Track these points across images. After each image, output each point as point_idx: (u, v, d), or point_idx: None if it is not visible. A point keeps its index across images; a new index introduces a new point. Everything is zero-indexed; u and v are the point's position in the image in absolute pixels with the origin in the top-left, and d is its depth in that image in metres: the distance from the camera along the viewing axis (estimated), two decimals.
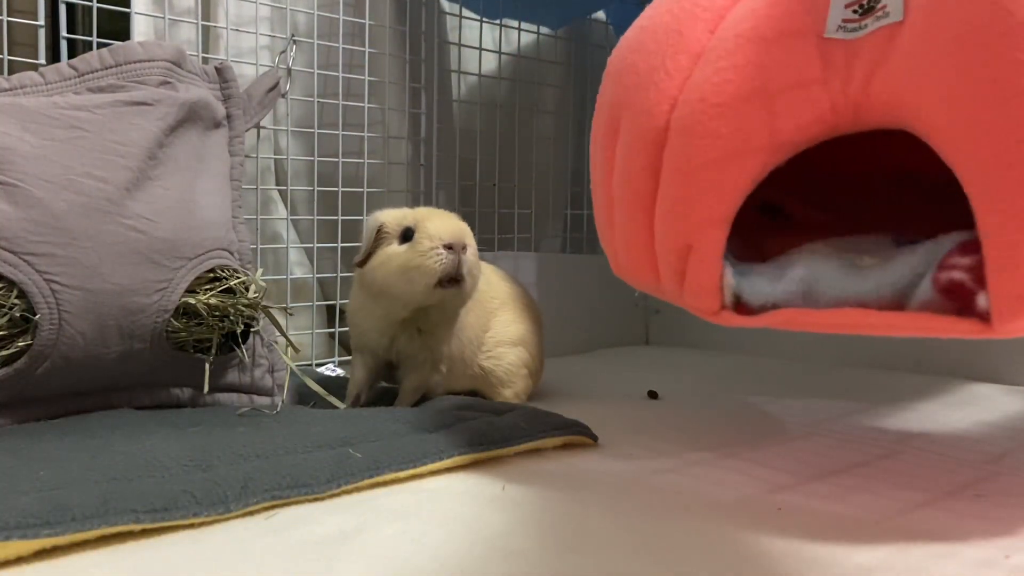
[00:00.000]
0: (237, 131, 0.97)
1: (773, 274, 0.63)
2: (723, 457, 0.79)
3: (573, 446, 0.80)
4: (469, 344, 0.97)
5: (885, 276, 0.58)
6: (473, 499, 0.64)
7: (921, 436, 0.88)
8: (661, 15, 0.69)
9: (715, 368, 1.32)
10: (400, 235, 0.87)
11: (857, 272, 0.60)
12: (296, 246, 1.25)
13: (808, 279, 0.61)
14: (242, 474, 0.60)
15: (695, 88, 0.63)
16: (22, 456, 0.63)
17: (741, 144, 0.61)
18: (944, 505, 0.65)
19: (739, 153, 0.61)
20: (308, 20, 1.26)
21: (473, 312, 0.97)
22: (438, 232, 0.85)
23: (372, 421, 0.76)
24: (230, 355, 0.88)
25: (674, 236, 0.65)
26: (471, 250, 0.87)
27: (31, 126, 0.80)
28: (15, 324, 0.76)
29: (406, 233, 0.86)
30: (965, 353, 1.24)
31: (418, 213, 0.88)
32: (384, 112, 1.29)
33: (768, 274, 0.63)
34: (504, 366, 1.00)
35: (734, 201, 0.62)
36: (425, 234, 0.85)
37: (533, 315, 1.07)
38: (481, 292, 0.99)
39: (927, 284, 0.56)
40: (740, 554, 0.55)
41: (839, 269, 0.60)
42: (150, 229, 0.82)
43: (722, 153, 0.62)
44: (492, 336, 1.00)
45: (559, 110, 1.57)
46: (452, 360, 0.95)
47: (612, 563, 0.53)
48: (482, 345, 0.99)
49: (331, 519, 0.59)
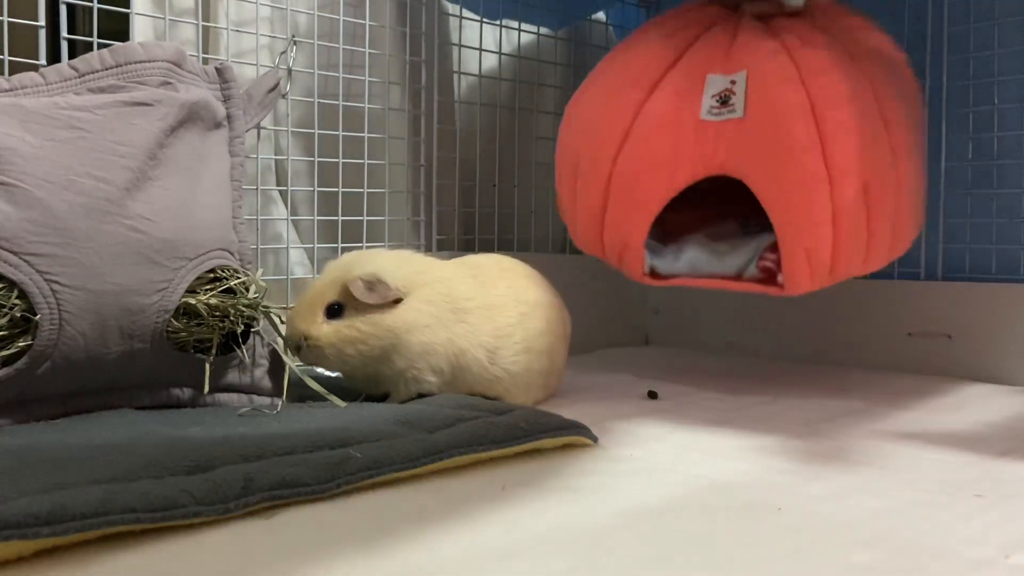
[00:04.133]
0: (237, 131, 0.97)
1: (673, 255, 1.08)
2: (723, 457, 0.79)
3: (573, 446, 0.80)
4: (481, 351, 0.94)
5: (732, 260, 1.05)
6: (473, 499, 0.64)
7: (921, 436, 0.88)
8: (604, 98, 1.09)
9: (715, 368, 1.32)
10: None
11: (718, 256, 1.06)
12: (296, 246, 1.25)
13: (692, 260, 1.07)
14: (242, 474, 0.60)
15: (628, 152, 1.04)
16: (22, 456, 0.63)
17: (657, 186, 1.03)
18: (944, 505, 0.65)
19: (656, 191, 1.03)
20: (308, 20, 1.26)
21: (490, 319, 0.96)
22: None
23: (372, 421, 0.76)
24: (230, 355, 0.88)
25: (616, 237, 1.08)
26: (312, 339, 0.91)
27: (32, 126, 0.80)
28: (15, 324, 0.76)
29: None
30: (965, 353, 1.24)
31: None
32: (385, 112, 1.29)
33: (669, 255, 1.08)
34: (522, 374, 0.97)
35: (652, 217, 1.04)
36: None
37: (561, 324, 1.05)
38: (504, 297, 0.98)
39: (753, 267, 1.03)
40: (740, 554, 0.55)
41: (708, 255, 1.07)
42: (150, 229, 0.82)
43: (646, 191, 1.04)
44: (517, 343, 0.97)
45: (559, 110, 1.57)
46: (460, 368, 0.93)
47: (612, 563, 0.53)
48: (499, 350, 0.96)
49: (331, 519, 0.59)
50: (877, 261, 1.04)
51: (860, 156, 0.95)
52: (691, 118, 1.01)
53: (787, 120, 0.96)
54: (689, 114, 1.01)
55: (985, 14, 1.26)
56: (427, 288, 0.93)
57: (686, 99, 1.02)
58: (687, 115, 1.01)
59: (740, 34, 1.06)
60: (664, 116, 1.02)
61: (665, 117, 1.02)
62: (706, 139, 1.00)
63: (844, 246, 0.96)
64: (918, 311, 1.29)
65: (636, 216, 1.04)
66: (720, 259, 1.04)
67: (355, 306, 0.91)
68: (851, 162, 0.95)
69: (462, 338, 0.93)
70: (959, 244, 1.29)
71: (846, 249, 0.97)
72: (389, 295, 0.90)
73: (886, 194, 0.99)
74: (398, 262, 0.95)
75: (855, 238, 0.97)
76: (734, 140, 0.98)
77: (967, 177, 1.28)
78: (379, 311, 0.90)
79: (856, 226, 0.97)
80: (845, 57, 1.02)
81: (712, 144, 1.00)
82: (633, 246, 1.04)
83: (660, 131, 1.02)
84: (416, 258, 0.99)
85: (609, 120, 1.06)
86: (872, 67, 1.04)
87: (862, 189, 0.96)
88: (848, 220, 0.96)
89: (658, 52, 1.07)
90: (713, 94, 1.01)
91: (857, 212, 0.96)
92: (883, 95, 1.02)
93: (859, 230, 0.97)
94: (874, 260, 1.03)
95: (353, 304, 0.91)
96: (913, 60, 1.30)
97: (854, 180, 0.95)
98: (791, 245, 0.96)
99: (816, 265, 0.97)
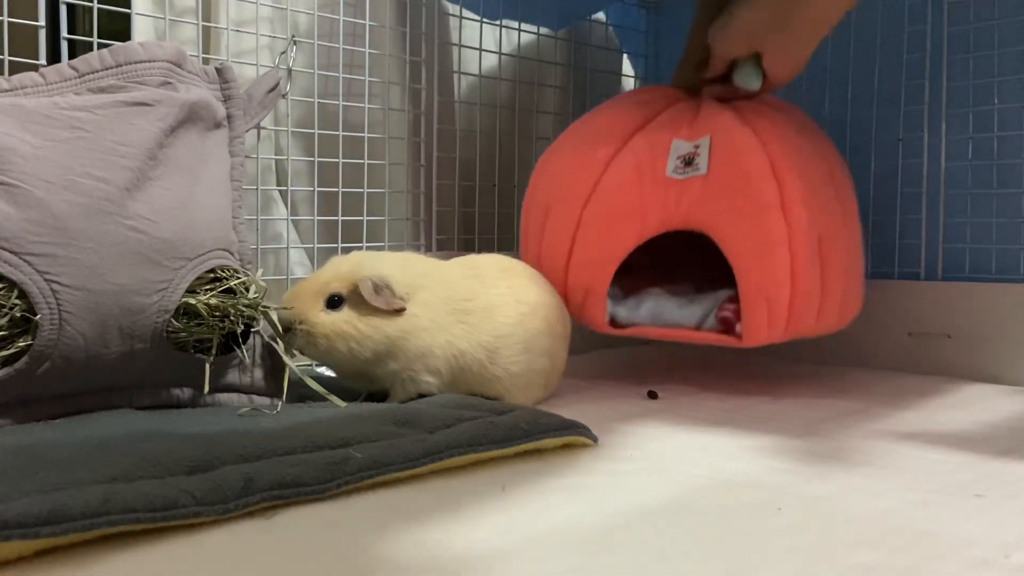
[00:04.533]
0: (237, 131, 0.97)
1: (632, 305, 1.12)
2: (723, 457, 0.79)
3: (573, 446, 0.80)
4: (481, 351, 0.94)
5: (692, 311, 1.09)
6: (473, 499, 0.64)
7: (921, 436, 0.88)
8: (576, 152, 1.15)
9: (715, 368, 1.32)
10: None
11: (678, 307, 1.10)
12: (297, 246, 1.25)
13: (652, 309, 1.11)
14: (242, 474, 0.60)
15: (596, 201, 1.10)
16: (22, 456, 0.63)
17: (622, 239, 1.08)
18: (944, 505, 0.65)
19: (620, 242, 1.08)
20: (309, 20, 1.25)
21: (490, 319, 0.96)
22: None
23: (372, 421, 0.76)
24: (230, 355, 0.88)
25: (581, 282, 1.12)
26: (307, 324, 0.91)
27: (32, 126, 0.80)
28: (15, 324, 0.76)
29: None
30: (965, 353, 1.24)
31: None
32: (385, 112, 1.29)
33: (629, 305, 1.12)
34: (522, 374, 0.97)
35: (617, 264, 1.08)
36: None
37: (562, 325, 1.05)
38: (504, 297, 0.98)
39: (712, 318, 1.07)
40: (740, 554, 0.55)
41: (668, 305, 1.11)
42: (150, 229, 0.82)
43: (611, 242, 1.09)
44: (517, 343, 0.97)
45: (559, 111, 1.57)
46: (459, 369, 0.93)
47: (612, 563, 0.53)
48: (499, 350, 0.96)
49: (331, 519, 0.59)
50: (827, 321, 1.10)
51: (816, 216, 1.04)
52: (657, 175, 1.07)
53: (752, 179, 1.03)
54: (655, 171, 1.08)
55: (985, 14, 1.26)
56: (427, 292, 0.93)
57: (652, 158, 1.09)
58: (653, 172, 1.08)
59: (703, 109, 1.14)
60: (632, 171, 1.09)
61: (633, 172, 1.09)
62: (671, 195, 1.06)
63: (800, 300, 1.03)
64: (918, 311, 1.29)
65: (602, 263, 1.08)
66: (680, 309, 1.10)
67: (357, 304, 0.91)
68: (808, 221, 1.03)
69: (461, 339, 0.93)
70: (959, 244, 1.29)
71: (802, 303, 1.03)
72: (394, 304, 0.90)
73: (838, 254, 1.07)
74: (403, 266, 0.95)
75: (810, 294, 1.04)
76: (699, 196, 1.05)
77: (967, 177, 1.28)
78: (380, 315, 0.90)
79: (812, 282, 1.04)
80: (797, 128, 1.12)
81: (676, 200, 1.06)
82: (597, 292, 1.08)
83: (628, 184, 1.08)
84: (419, 261, 0.98)
85: (580, 171, 1.12)
86: (819, 140, 1.15)
87: (817, 247, 1.04)
88: (805, 275, 1.03)
89: (626, 117, 1.15)
90: (678, 156, 1.07)
91: (813, 269, 1.04)
92: (832, 165, 1.13)
93: (814, 286, 1.05)
94: (825, 320, 1.09)
95: (355, 302, 0.91)
96: (913, 60, 1.31)
97: (811, 239, 1.03)
98: (753, 296, 1.02)
99: (774, 317, 1.03)
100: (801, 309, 1.03)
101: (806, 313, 1.04)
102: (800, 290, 1.02)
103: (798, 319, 1.04)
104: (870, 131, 1.36)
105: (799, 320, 1.04)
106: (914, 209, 1.33)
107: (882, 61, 1.35)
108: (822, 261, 1.04)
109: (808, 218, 1.03)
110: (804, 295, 1.03)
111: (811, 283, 1.04)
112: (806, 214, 1.03)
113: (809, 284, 1.03)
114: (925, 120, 1.31)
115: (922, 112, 1.31)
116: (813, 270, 1.03)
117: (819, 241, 1.04)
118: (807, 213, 1.03)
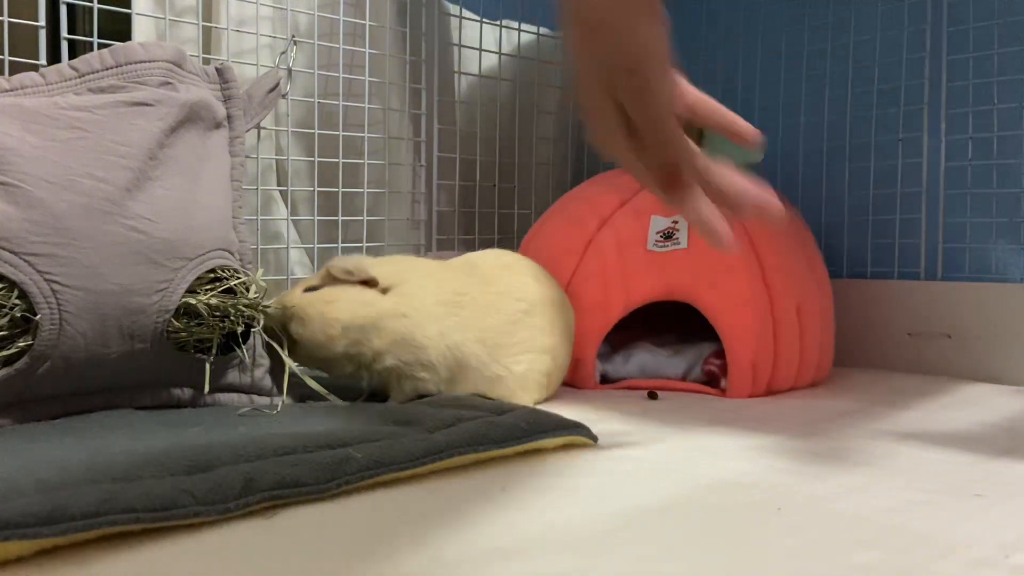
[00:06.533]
0: (237, 131, 0.97)
1: (621, 361, 1.19)
2: (723, 457, 0.79)
3: (573, 446, 0.80)
4: (478, 346, 0.94)
5: (678, 363, 1.18)
6: (473, 499, 0.64)
7: (921, 436, 0.88)
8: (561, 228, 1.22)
9: None
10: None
11: (665, 358, 1.18)
12: (297, 246, 1.25)
13: (641, 363, 1.18)
14: (242, 474, 0.60)
15: (586, 266, 1.16)
16: (22, 456, 0.63)
17: (607, 313, 1.14)
18: (944, 505, 0.65)
19: (606, 316, 1.14)
20: (308, 20, 1.26)
21: (490, 315, 0.96)
22: None
23: (372, 421, 0.76)
24: (230, 355, 0.88)
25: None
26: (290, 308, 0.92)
27: (32, 127, 0.80)
28: (16, 324, 0.76)
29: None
30: (965, 353, 1.24)
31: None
32: (385, 113, 1.29)
33: (617, 361, 1.19)
34: (525, 373, 0.97)
35: (602, 337, 1.15)
36: None
37: (565, 321, 1.05)
38: (503, 294, 0.98)
39: (698, 370, 1.16)
40: (740, 554, 0.55)
41: (656, 358, 1.18)
42: (151, 229, 0.82)
43: (597, 317, 1.14)
44: (519, 342, 0.97)
45: (560, 110, 1.57)
46: (458, 364, 0.93)
47: (612, 563, 0.53)
48: (500, 348, 0.96)
49: (331, 519, 0.59)
50: (806, 377, 1.16)
51: (794, 281, 1.12)
52: (639, 248, 1.14)
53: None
54: (637, 245, 1.14)
55: (985, 14, 1.26)
56: (411, 284, 0.93)
57: (633, 232, 1.15)
58: (635, 245, 1.15)
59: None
60: (615, 245, 1.15)
61: (616, 246, 1.15)
62: (653, 267, 1.13)
63: (783, 363, 1.11)
64: (918, 311, 1.29)
65: (590, 336, 1.14)
66: (667, 360, 1.17)
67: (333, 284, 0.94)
68: (786, 286, 1.11)
69: (455, 331, 0.92)
70: (959, 244, 1.29)
71: (784, 366, 1.11)
72: (362, 276, 0.92)
73: (814, 317, 1.15)
74: (389, 262, 0.96)
75: (791, 358, 1.12)
76: (681, 268, 1.12)
77: (967, 177, 1.28)
78: (357, 298, 0.91)
79: (792, 346, 1.11)
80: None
81: (659, 272, 1.12)
82: (586, 361, 1.14)
83: (610, 260, 1.15)
84: (409, 259, 1.00)
85: (567, 243, 1.19)
86: (789, 210, 1.19)
87: (796, 313, 1.11)
88: (786, 340, 1.10)
89: (607, 196, 1.21)
90: (657, 231, 1.14)
91: (793, 333, 1.11)
92: (803, 235, 1.21)
93: (794, 350, 1.12)
94: (804, 376, 1.15)
95: (331, 284, 0.93)
96: (913, 60, 1.31)
97: (790, 302, 1.11)
98: (738, 357, 1.09)
99: (759, 379, 1.09)
100: (783, 370, 1.11)
101: (787, 373, 1.12)
102: (783, 355, 1.10)
103: (780, 378, 1.12)
104: (870, 131, 1.36)
105: (781, 379, 1.12)
106: (914, 209, 1.33)
107: (882, 61, 1.35)
108: (801, 325, 1.12)
109: (786, 286, 1.11)
110: (786, 360, 1.11)
111: (791, 347, 1.11)
112: (785, 282, 1.11)
113: (790, 349, 1.11)
114: (925, 120, 1.31)
115: (922, 112, 1.32)
116: (793, 334, 1.11)
117: (797, 308, 1.12)
118: (786, 281, 1.11)
